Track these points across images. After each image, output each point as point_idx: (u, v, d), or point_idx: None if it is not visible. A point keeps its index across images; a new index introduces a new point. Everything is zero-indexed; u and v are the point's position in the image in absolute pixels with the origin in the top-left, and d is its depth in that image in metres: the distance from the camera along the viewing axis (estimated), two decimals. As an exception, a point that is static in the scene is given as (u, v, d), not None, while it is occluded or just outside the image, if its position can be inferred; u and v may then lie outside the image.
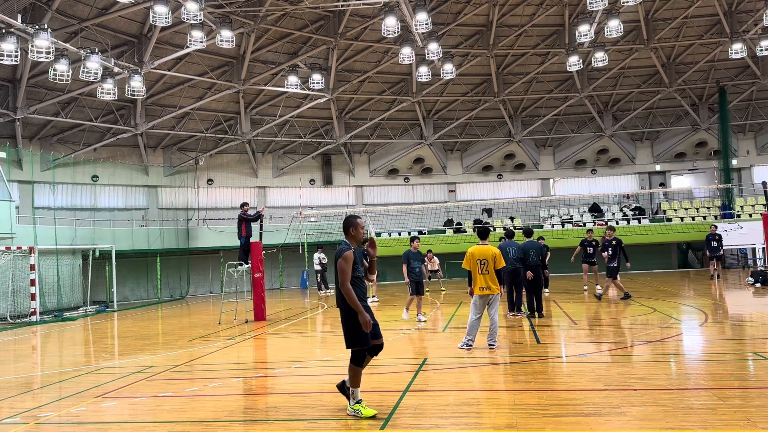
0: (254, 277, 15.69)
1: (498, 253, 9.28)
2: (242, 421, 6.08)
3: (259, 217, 16.47)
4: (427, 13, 24.00)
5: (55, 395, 7.68)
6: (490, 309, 9.35)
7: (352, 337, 5.98)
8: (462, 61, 30.71)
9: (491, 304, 9.33)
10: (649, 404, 5.86)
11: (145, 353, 10.97)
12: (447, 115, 34.35)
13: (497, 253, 9.27)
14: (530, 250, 13.36)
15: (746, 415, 5.42)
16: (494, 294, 9.25)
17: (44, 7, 21.71)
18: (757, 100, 33.80)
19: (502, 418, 5.71)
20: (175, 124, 30.29)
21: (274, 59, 28.96)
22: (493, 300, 9.31)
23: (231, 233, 21.50)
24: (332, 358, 9.43)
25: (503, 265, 9.32)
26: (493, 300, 9.31)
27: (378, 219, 32.08)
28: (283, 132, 32.88)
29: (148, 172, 30.65)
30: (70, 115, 27.02)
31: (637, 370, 7.54)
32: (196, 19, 21.69)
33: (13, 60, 20.03)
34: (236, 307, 16.61)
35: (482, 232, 9.73)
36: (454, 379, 7.48)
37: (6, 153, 23.29)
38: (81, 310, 21.97)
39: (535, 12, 29.05)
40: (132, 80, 24.36)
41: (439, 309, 16.27)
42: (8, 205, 19.35)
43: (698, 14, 29.51)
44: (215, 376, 8.58)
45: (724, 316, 12.46)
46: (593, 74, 32.36)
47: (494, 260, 9.17)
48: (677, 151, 34.99)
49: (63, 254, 22.49)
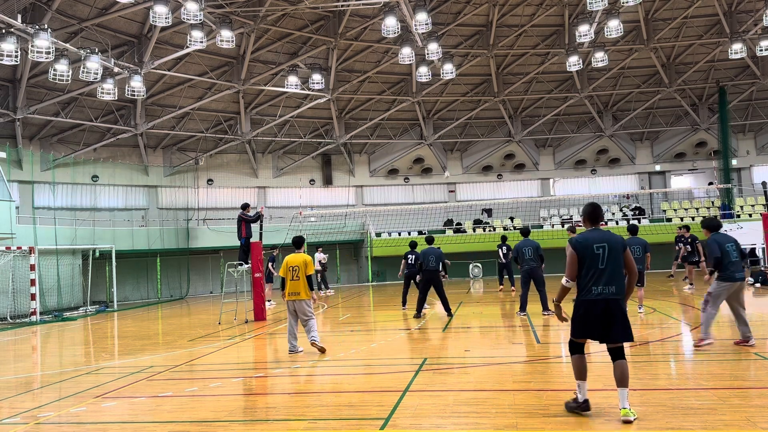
0: (254, 277, 15.69)
1: (309, 260, 9.69)
2: (242, 421, 6.08)
3: (259, 218, 16.46)
4: (427, 13, 24.00)
5: (55, 395, 7.69)
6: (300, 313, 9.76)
7: None
8: (462, 61, 30.71)
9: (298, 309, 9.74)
10: (649, 404, 5.86)
11: (145, 353, 10.97)
12: (447, 115, 34.35)
13: (308, 260, 9.66)
14: (526, 248, 13.42)
15: (746, 415, 5.43)
16: (300, 300, 9.62)
17: (44, 7, 21.71)
18: (757, 100, 33.80)
19: (502, 418, 5.71)
20: (175, 124, 30.29)
21: (274, 59, 28.96)
22: (297, 306, 9.66)
23: (231, 233, 21.50)
24: (332, 358, 9.43)
25: (313, 271, 9.76)
26: (297, 306, 9.66)
27: (378, 219, 32.09)
28: (283, 132, 32.89)
29: (148, 172, 30.66)
30: (70, 115, 27.02)
31: (637, 370, 7.54)
32: (196, 19, 21.69)
33: (13, 60, 20.03)
34: (236, 307, 16.61)
35: (297, 242, 10.10)
36: (454, 379, 7.48)
37: (6, 153, 23.30)
38: (81, 310, 21.97)
39: (535, 12, 29.05)
40: (132, 80, 24.36)
41: (440, 309, 16.27)
42: (8, 205, 19.34)
43: (698, 14, 29.51)
44: (215, 376, 8.57)
45: (724, 316, 12.45)
46: (593, 74, 32.36)
47: (305, 267, 9.59)
48: (677, 151, 35.01)
49: (63, 254, 22.49)
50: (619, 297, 5.55)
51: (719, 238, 8.52)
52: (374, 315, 16.38)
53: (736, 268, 8.40)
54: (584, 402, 5.63)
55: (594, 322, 5.56)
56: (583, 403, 5.63)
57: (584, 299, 5.59)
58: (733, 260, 8.39)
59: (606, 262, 5.56)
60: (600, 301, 5.52)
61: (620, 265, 5.62)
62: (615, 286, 5.54)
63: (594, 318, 5.55)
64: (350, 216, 32.57)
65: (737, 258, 8.44)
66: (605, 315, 5.52)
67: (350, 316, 16.00)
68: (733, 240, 8.57)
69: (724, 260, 8.36)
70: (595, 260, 5.57)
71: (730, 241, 8.53)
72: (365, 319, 15.46)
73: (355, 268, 33.48)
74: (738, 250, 8.52)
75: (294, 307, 9.75)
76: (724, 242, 8.46)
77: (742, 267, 8.55)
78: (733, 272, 8.37)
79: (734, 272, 8.37)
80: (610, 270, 5.55)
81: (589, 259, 5.59)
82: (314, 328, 9.74)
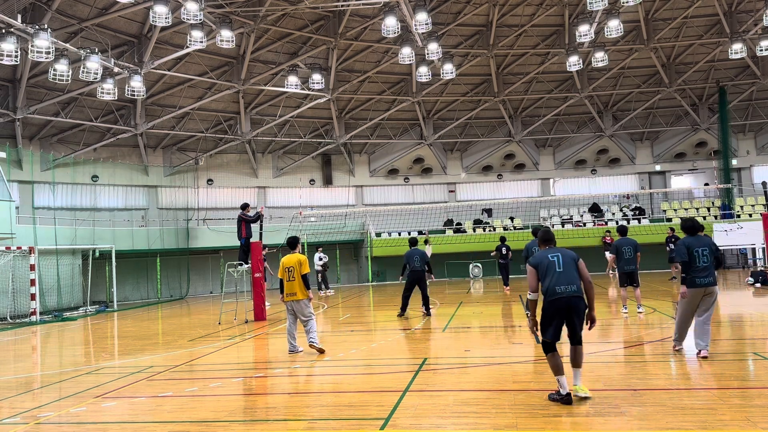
0: (254, 277, 15.69)
1: (303, 260, 9.76)
2: (242, 421, 6.08)
3: (259, 218, 16.46)
4: (427, 13, 23.99)
5: (55, 395, 7.69)
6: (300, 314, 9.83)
7: None
8: (462, 61, 30.71)
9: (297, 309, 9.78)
10: (649, 404, 5.87)
11: (145, 353, 10.97)
12: (447, 115, 34.35)
13: (302, 260, 9.76)
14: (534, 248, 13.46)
15: (746, 415, 5.43)
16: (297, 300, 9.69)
17: (44, 7, 21.71)
18: (757, 100, 33.80)
19: (502, 418, 5.71)
20: (175, 124, 30.29)
21: (274, 59, 28.96)
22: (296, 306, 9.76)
23: (231, 233, 21.51)
24: (332, 358, 9.43)
25: (308, 271, 9.83)
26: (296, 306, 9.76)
27: (378, 219, 32.09)
28: (283, 132, 32.89)
29: (148, 172, 30.66)
30: (70, 115, 27.02)
31: (637, 370, 7.55)
32: (196, 19, 21.69)
33: (13, 60, 20.02)
34: (236, 307, 16.61)
35: (291, 243, 10.19)
36: (454, 379, 7.48)
37: (6, 153, 23.29)
38: (81, 310, 21.97)
39: (535, 12, 29.05)
40: (132, 80, 24.36)
41: (440, 309, 16.27)
42: (8, 205, 19.34)
43: (698, 14, 29.51)
44: (215, 376, 8.58)
45: (724, 316, 12.46)
46: (593, 74, 32.36)
47: (299, 266, 9.68)
48: (677, 151, 35.00)
49: (63, 254, 22.49)
50: (580, 294, 6.24)
51: (690, 242, 8.06)
52: (374, 315, 16.38)
53: (699, 274, 7.92)
54: (567, 395, 6.02)
55: (560, 318, 6.24)
56: (566, 396, 6.01)
57: (551, 299, 6.22)
58: (700, 266, 7.92)
59: (562, 267, 6.30)
60: (564, 298, 6.18)
61: (575, 270, 6.32)
62: (575, 285, 6.23)
63: (560, 314, 6.22)
64: (350, 216, 32.57)
65: (706, 263, 7.94)
66: (569, 310, 6.21)
67: (350, 316, 16.00)
68: (707, 244, 8.08)
69: (691, 264, 7.95)
70: (552, 267, 6.31)
71: (704, 245, 8.04)
72: (365, 319, 15.46)
73: (355, 268, 33.48)
74: (711, 254, 8.00)
75: (293, 308, 9.81)
76: (695, 246, 8.01)
77: (709, 273, 7.96)
78: (694, 278, 7.93)
79: (695, 278, 7.93)
80: (567, 273, 6.27)
81: (546, 268, 6.32)
82: (314, 329, 9.76)
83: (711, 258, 7.99)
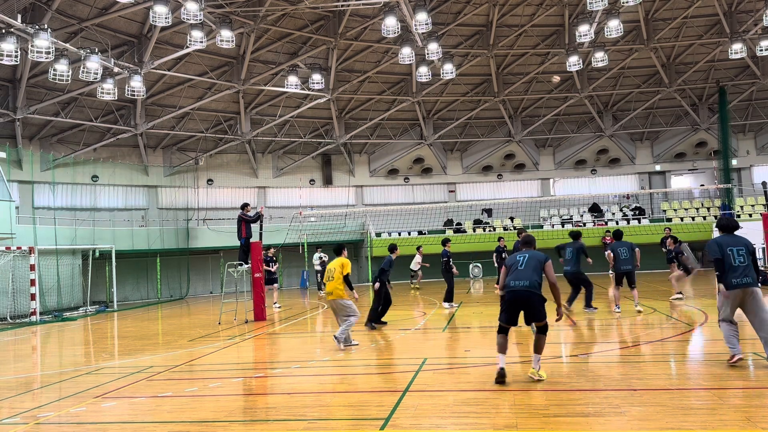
0: (254, 277, 15.69)
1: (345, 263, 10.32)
2: (242, 421, 6.08)
3: (259, 218, 16.46)
4: (427, 13, 23.99)
5: (55, 395, 7.68)
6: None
7: None
8: (462, 61, 30.71)
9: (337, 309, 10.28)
10: (649, 404, 5.87)
11: (145, 353, 10.97)
12: (447, 115, 34.35)
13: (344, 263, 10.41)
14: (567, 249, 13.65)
15: (746, 415, 5.42)
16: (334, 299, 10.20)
17: (44, 7, 21.71)
18: (757, 100, 33.80)
19: (502, 418, 5.71)
20: (175, 124, 30.29)
21: (274, 59, 28.96)
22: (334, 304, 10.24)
23: (231, 233, 21.51)
24: (331, 358, 9.43)
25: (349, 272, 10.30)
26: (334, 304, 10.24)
27: (378, 219, 32.08)
28: (283, 132, 32.89)
29: (148, 172, 30.66)
30: (70, 115, 27.01)
31: (637, 370, 7.55)
32: (196, 19, 21.69)
33: (13, 60, 20.02)
34: (236, 307, 16.61)
35: (336, 250, 10.93)
36: (454, 379, 7.48)
37: (6, 153, 23.28)
38: (81, 310, 21.96)
39: (535, 12, 29.05)
40: (132, 80, 24.36)
41: (440, 309, 16.27)
42: (8, 205, 19.33)
43: (698, 14, 29.50)
44: (215, 376, 8.57)
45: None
46: (593, 74, 32.36)
47: (341, 268, 10.30)
48: (677, 151, 35.00)
49: (63, 254, 22.48)
50: (532, 289, 6.97)
51: (723, 240, 7.48)
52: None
53: (735, 274, 7.26)
54: (500, 369, 6.94)
55: (514, 307, 7.06)
56: (499, 370, 6.93)
57: (506, 291, 7.12)
58: (735, 264, 7.27)
59: (523, 265, 7.12)
60: (515, 291, 7.01)
61: (536, 269, 7.06)
62: (528, 281, 7.00)
63: (511, 304, 7.06)
64: (350, 216, 32.56)
65: (741, 263, 7.28)
66: (522, 302, 7.02)
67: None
68: (743, 243, 7.45)
69: (724, 264, 7.31)
70: (515, 265, 7.19)
71: (740, 244, 7.42)
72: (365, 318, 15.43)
73: (355, 268, 33.42)
74: (747, 254, 7.33)
75: (333, 305, 10.38)
76: (728, 244, 7.40)
77: (746, 272, 7.26)
78: (731, 279, 7.27)
79: (732, 278, 7.27)
80: (524, 270, 7.07)
81: (512, 265, 7.22)
82: (349, 325, 10.15)
83: (748, 258, 7.33)
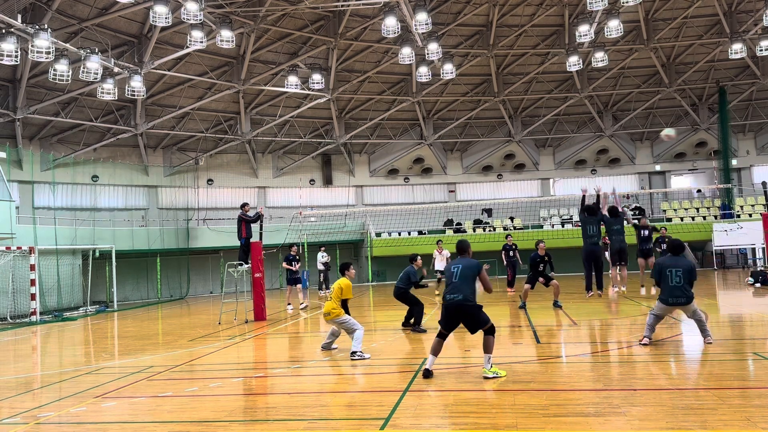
0: (254, 277, 15.69)
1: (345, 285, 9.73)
2: (242, 421, 6.07)
3: (259, 218, 16.46)
4: (427, 13, 24.00)
5: (55, 395, 7.68)
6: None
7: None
8: (462, 61, 30.71)
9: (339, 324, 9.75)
10: (649, 404, 5.86)
11: (145, 353, 10.97)
12: (447, 115, 34.35)
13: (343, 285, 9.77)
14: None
15: (746, 415, 5.42)
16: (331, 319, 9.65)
17: (44, 7, 21.71)
18: (757, 100, 33.80)
19: (502, 418, 5.71)
20: (175, 124, 30.29)
21: (274, 59, 28.96)
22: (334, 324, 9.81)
23: (231, 233, 21.52)
24: (332, 358, 9.43)
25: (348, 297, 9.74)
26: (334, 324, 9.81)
27: (378, 219, 32.09)
28: (283, 132, 32.89)
29: (148, 172, 30.66)
30: (70, 115, 27.02)
31: (637, 370, 7.55)
32: (196, 19, 21.69)
33: (13, 60, 20.02)
34: (236, 307, 16.60)
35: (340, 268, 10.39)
36: (454, 379, 7.48)
37: (6, 153, 23.28)
38: (81, 310, 21.96)
39: (535, 12, 29.05)
40: (132, 80, 24.36)
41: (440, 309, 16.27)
42: (8, 205, 19.33)
43: (698, 14, 29.51)
44: (215, 376, 8.57)
45: (723, 316, 12.47)
46: (593, 74, 32.36)
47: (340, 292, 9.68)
48: (677, 151, 34.99)
49: (63, 254, 22.48)
50: (466, 302, 7.30)
51: (663, 261, 8.89)
52: (374, 315, 16.38)
53: (672, 294, 8.65)
54: (425, 371, 7.36)
55: (451, 318, 7.45)
56: (425, 371, 7.34)
57: (444, 304, 7.47)
58: (671, 285, 8.65)
59: (458, 277, 7.44)
60: (450, 306, 7.39)
61: (468, 279, 7.40)
62: (462, 294, 7.33)
63: (450, 315, 7.43)
64: (350, 216, 32.56)
65: (678, 283, 8.61)
66: (459, 314, 7.40)
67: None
68: (681, 265, 8.67)
69: (662, 284, 8.76)
70: (450, 277, 7.53)
71: (678, 266, 8.66)
72: (365, 319, 15.44)
73: (356, 268, 33.42)
74: (684, 274, 8.60)
75: (332, 325, 9.93)
76: (667, 266, 8.73)
77: (681, 292, 8.61)
78: (668, 297, 8.71)
79: (669, 298, 8.71)
80: (458, 283, 7.41)
81: (448, 276, 7.57)
82: (356, 339, 9.29)
83: (685, 278, 8.62)
